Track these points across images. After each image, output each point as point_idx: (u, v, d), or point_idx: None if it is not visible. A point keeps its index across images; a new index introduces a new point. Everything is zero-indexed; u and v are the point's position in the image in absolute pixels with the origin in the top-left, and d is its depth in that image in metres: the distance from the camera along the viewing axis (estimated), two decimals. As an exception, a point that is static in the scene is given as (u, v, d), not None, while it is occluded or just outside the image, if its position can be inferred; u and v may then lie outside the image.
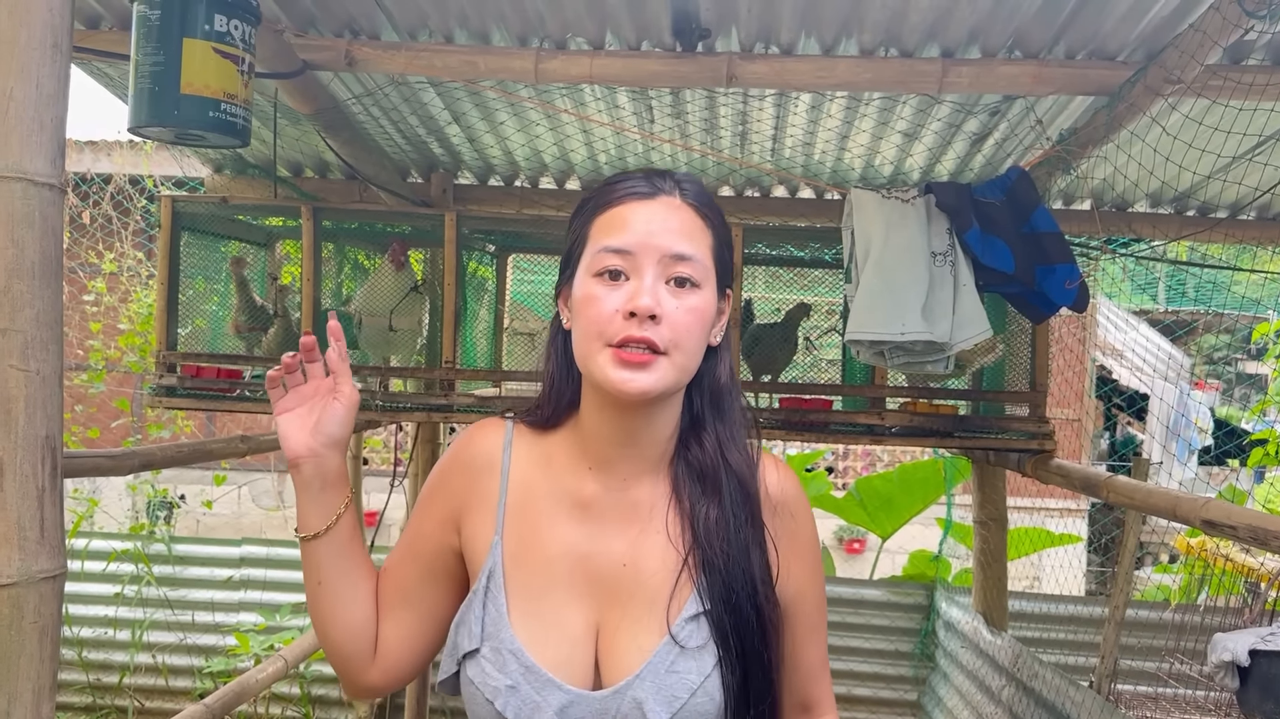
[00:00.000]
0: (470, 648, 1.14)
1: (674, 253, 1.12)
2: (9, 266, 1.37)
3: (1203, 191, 3.56)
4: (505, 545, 1.18)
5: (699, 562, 1.15)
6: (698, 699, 1.11)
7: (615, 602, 1.15)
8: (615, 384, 1.09)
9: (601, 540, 1.17)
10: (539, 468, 1.22)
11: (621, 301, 1.10)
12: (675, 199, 1.16)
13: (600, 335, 1.10)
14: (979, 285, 2.57)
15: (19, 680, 1.38)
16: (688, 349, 1.12)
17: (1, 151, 1.37)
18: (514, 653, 1.12)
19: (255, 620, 5.16)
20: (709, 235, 1.17)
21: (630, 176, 1.18)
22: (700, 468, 1.19)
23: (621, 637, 1.14)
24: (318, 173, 3.93)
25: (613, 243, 1.12)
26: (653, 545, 1.17)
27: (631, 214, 1.14)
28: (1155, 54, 2.42)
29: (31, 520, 1.39)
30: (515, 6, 2.46)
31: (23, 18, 1.38)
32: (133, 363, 6.13)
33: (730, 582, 1.14)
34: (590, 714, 1.11)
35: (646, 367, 1.09)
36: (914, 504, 5.98)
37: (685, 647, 1.12)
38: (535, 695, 1.10)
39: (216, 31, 2.07)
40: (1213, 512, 1.98)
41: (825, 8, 2.39)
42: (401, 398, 3.18)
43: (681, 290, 1.12)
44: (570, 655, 1.13)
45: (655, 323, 1.09)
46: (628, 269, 1.11)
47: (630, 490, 1.19)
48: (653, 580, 1.15)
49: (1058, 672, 3.29)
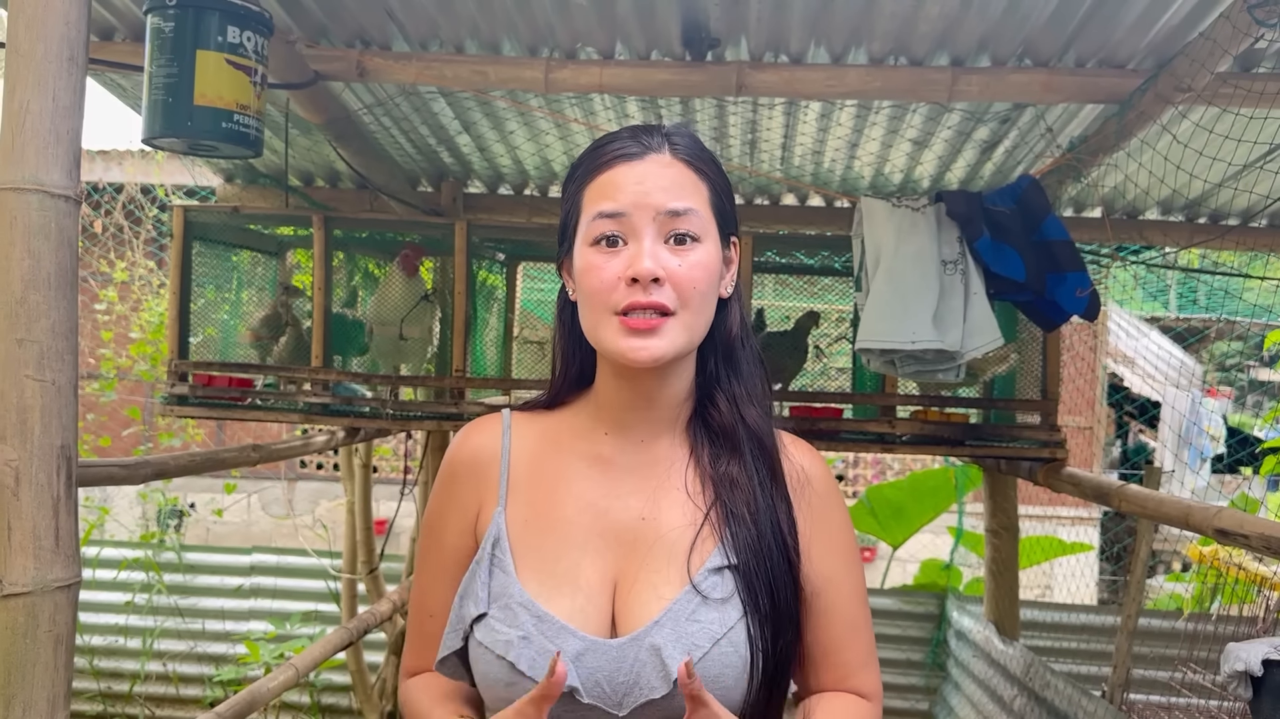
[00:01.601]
0: (477, 613, 1.09)
1: (669, 209, 1.08)
2: (25, 277, 1.38)
3: (1214, 199, 3.55)
4: (511, 513, 1.14)
5: (722, 516, 1.11)
6: (721, 649, 1.05)
7: (633, 555, 1.11)
8: (625, 353, 1.06)
9: (619, 496, 1.14)
10: (546, 441, 1.18)
11: (622, 268, 1.07)
12: (665, 155, 1.11)
13: (605, 305, 1.07)
14: (990, 293, 2.56)
15: (34, 689, 1.38)
16: (696, 307, 1.09)
17: (18, 163, 1.38)
18: (524, 605, 1.07)
19: (265, 629, 5.17)
20: (704, 187, 1.12)
21: (617, 136, 1.13)
22: (718, 427, 1.15)
23: (640, 588, 1.09)
24: (329, 182, 3.95)
25: (605, 207, 1.08)
26: (672, 501, 1.13)
27: (622, 176, 1.09)
28: (1166, 62, 2.42)
29: (47, 529, 1.39)
30: (525, 17, 2.47)
31: (39, 31, 1.39)
32: (144, 371, 6.15)
33: (758, 537, 1.10)
34: (606, 663, 1.05)
35: (656, 331, 1.06)
36: (925, 513, 5.97)
37: (708, 597, 1.07)
38: (549, 644, 1.05)
39: (229, 43, 2.08)
40: (1225, 520, 1.97)
41: (835, 17, 2.39)
42: (412, 406, 3.19)
43: (682, 247, 1.08)
44: (584, 606, 1.08)
45: (659, 285, 1.06)
46: (624, 233, 1.08)
47: (648, 449, 1.16)
48: (672, 534, 1.11)
49: (1070, 681, 3.28)
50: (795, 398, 3.06)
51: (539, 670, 1.03)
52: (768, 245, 3.37)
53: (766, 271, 3.46)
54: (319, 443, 3.44)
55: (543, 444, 1.18)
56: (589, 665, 1.05)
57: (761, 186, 3.84)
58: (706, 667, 1.04)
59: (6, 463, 1.38)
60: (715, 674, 1.05)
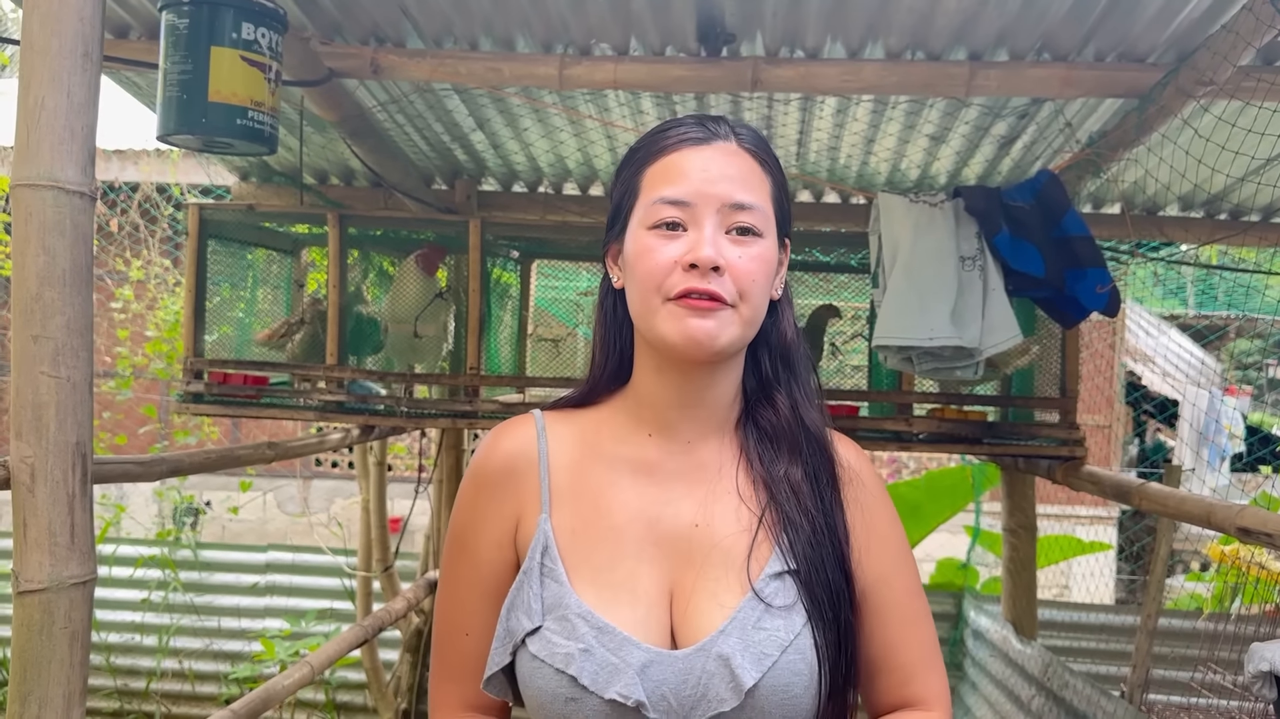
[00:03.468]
0: (531, 627, 1.03)
1: (735, 201, 1.05)
2: (40, 274, 1.38)
3: (1236, 194, 3.51)
4: (557, 521, 1.09)
5: (778, 520, 1.08)
6: (789, 658, 1.01)
7: (689, 563, 1.06)
8: (683, 333, 1.02)
9: (669, 503, 1.09)
10: (585, 444, 1.13)
11: (680, 252, 1.03)
12: (732, 144, 1.08)
13: (659, 289, 1.04)
14: (1009, 290, 2.54)
15: (50, 685, 1.38)
16: (754, 301, 1.05)
17: (33, 160, 1.38)
18: (583, 616, 1.02)
19: (280, 627, 5.18)
20: (768, 182, 1.10)
21: (682, 122, 1.10)
22: (774, 430, 1.12)
23: (699, 597, 1.05)
24: (343, 180, 3.95)
25: (669, 193, 1.05)
26: (724, 506, 1.09)
27: (687, 161, 1.06)
28: (1186, 56, 2.39)
29: (62, 526, 1.39)
30: (540, 13, 2.46)
31: (54, 27, 1.39)
32: (159, 370, 6.18)
33: (817, 542, 1.07)
34: (673, 675, 1.00)
35: (713, 314, 1.02)
36: (941, 512, 5.93)
37: (771, 604, 1.03)
38: (612, 657, 1.00)
39: (244, 40, 2.08)
40: (1248, 519, 1.95)
41: (851, 11, 2.37)
42: (426, 404, 3.19)
43: (744, 239, 1.05)
44: (645, 617, 1.03)
45: (719, 275, 1.02)
46: (686, 220, 1.04)
47: (695, 452, 1.11)
48: (727, 540, 1.07)
49: (1089, 681, 3.25)
50: (811, 395, 3.04)
51: (602, 684, 0.99)
52: (783, 242, 3.35)
53: (782, 269, 3.44)
54: (334, 440, 3.45)
55: (582, 448, 1.13)
56: (655, 678, 1.00)
57: (777, 183, 3.81)
58: (776, 676, 1.01)
59: (22, 459, 1.38)
60: (785, 684, 1.01)
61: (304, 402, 3.08)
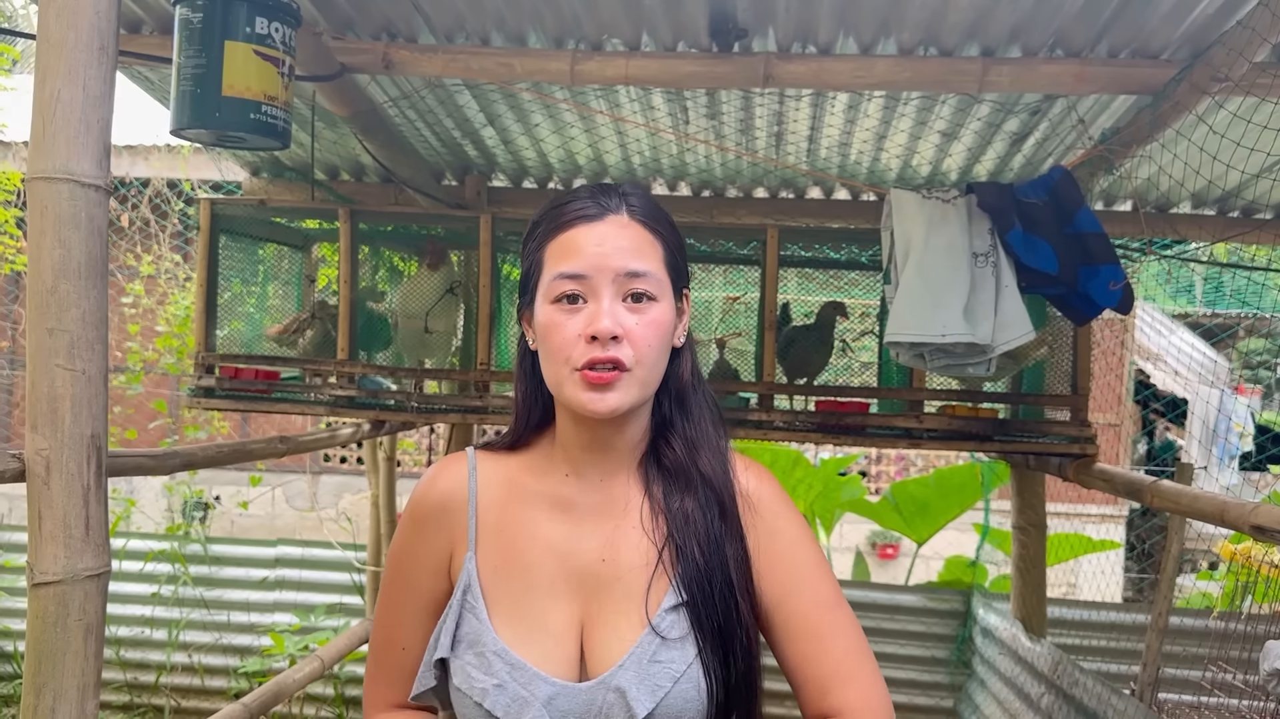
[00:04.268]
0: (440, 655, 1.17)
1: (628, 270, 1.14)
2: (56, 267, 1.38)
3: (1250, 191, 3.49)
4: (481, 559, 1.20)
5: (674, 554, 1.17)
6: (681, 688, 1.12)
7: (595, 596, 1.17)
8: (585, 405, 1.13)
9: (580, 539, 1.20)
10: (511, 484, 1.24)
11: (582, 325, 1.12)
12: (623, 217, 1.17)
13: (566, 361, 1.13)
14: (1021, 286, 2.53)
15: (64, 678, 1.39)
16: (650, 362, 1.15)
17: (49, 153, 1.38)
18: (499, 653, 1.14)
19: (290, 621, 5.20)
20: (659, 247, 1.18)
21: (576, 197, 1.20)
22: (672, 466, 1.21)
23: (603, 629, 1.16)
24: (354, 175, 3.95)
25: (566, 268, 1.14)
26: (629, 540, 1.19)
27: (582, 237, 1.15)
28: (1201, 52, 2.38)
29: (77, 519, 1.40)
30: (551, 8, 2.46)
31: (70, 20, 1.39)
32: (170, 364, 6.20)
33: (708, 573, 1.16)
34: (576, 705, 1.12)
35: (612, 385, 1.12)
36: (950, 509, 5.93)
37: (667, 637, 1.14)
38: (522, 691, 1.12)
39: (257, 34, 2.08)
40: (1262, 516, 1.94)
41: (864, 7, 2.36)
42: (436, 399, 3.19)
43: (639, 305, 1.14)
44: (554, 651, 1.15)
45: (617, 342, 1.12)
46: (584, 292, 1.13)
47: (606, 489, 1.22)
48: (630, 574, 1.17)
49: (1099, 679, 3.24)
50: (822, 392, 3.04)
51: (514, 716, 1.11)
52: (792, 239, 3.34)
53: (791, 265, 3.44)
54: (345, 435, 3.45)
55: (508, 488, 1.24)
56: (560, 709, 1.12)
57: (787, 179, 3.81)
58: (670, 704, 1.11)
59: (37, 452, 1.39)
60: (678, 711, 1.12)
61: (315, 397, 3.09)
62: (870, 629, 4.76)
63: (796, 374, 3.08)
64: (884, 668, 4.68)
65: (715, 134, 3.30)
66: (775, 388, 2.98)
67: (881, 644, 4.75)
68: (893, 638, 4.80)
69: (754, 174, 3.75)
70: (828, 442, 3.05)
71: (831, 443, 3.13)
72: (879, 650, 4.75)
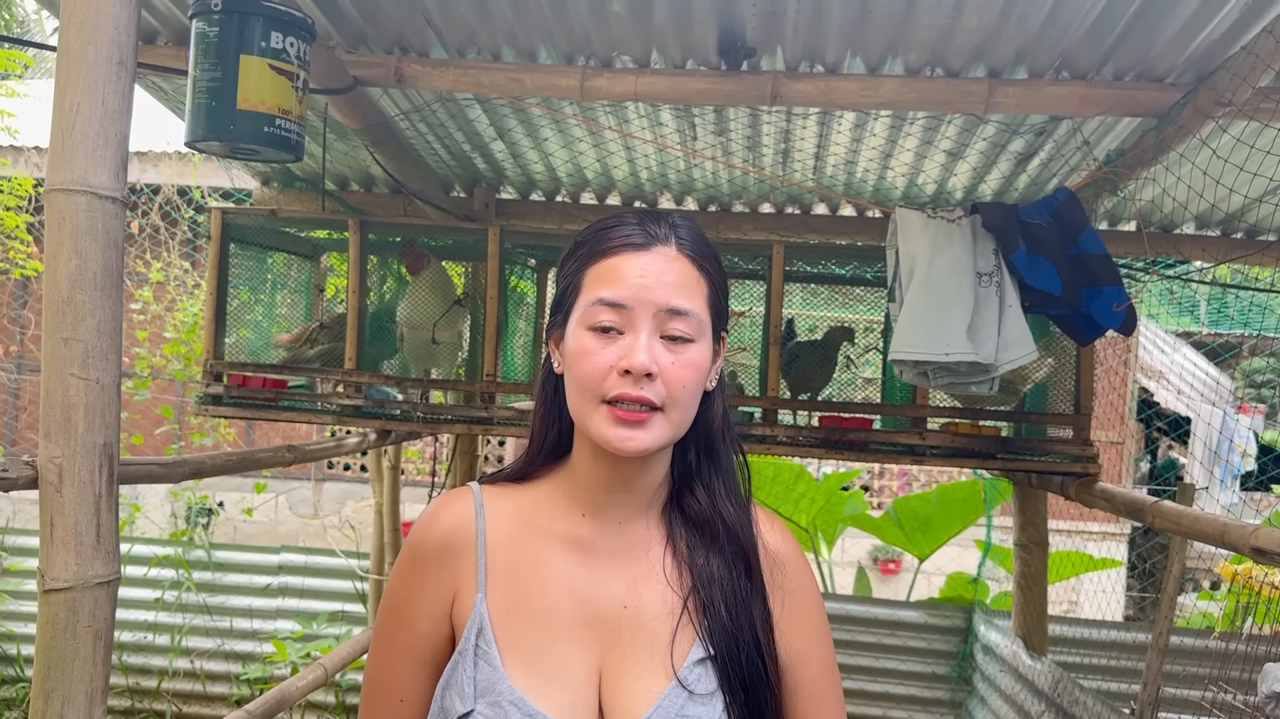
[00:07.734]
0: (464, 710, 1.08)
1: (670, 307, 1.08)
2: (72, 277, 1.41)
3: (1253, 214, 3.51)
4: (492, 601, 1.13)
5: (700, 606, 1.13)
6: None
7: (616, 644, 1.12)
8: (612, 442, 1.07)
9: (599, 583, 1.14)
10: (522, 521, 1.17)
11: (616, 357, 1.07)
12: (671, 249, 1.11)
13: (595, 392, 1.07)
14: (1025, 306, 2.55)
15: (73, 683, 1.41)
16: (683, 404, 1.10)
17: (67, 165, 1.41)
18: (515, 703, 1.07)
19: (292, 628, 5.21)
20: (705, 286, 1.13)
21: (625, 222, 1.13)
22: (697, 517, 1.17)
23: (626, 679, 1.10)
24: (363, 186, 3.98)
25: (607, 295, 1.08)
26: (651, 589, 1.14)
27: (626, 266, 1.09)
28: (1205, 76, 2.40)
29: (88, 526, 1.42)
30: (562, 25, 2.48)
31: (90, 35, 1.42)
32: (177, 371, 6.22)
33: (736, 630, 1.12)
34: None
35: (643, 424, 1.07)
36: (952, 525, 5.93)
37: (695, 692, 1.09)
38: None
39: (273, 48, 2.10)
40: (1262, 539, 1.95)
41: (871, 28, 2.39)
42: (442, 410, 3.21)
43: (676, 345, 1.08)
44: (573, 700, 1.08)
45: (650, 380, 1.06)
46: (622, 324, 1.08)
47: (627, 532, 1.16)
48: (654, 623, 1.12)
49: (1100, 698, 3.24)
50: (826, 407, 3.05)
51: None
52: (798, 255, 3.36)
53: (796, 281, 3.46)
54: (351, 444, 3.47)
55: (519, 525, 1.17)
56: None
57: (793, 196, 3.83)
58: None
59: (50, 459, 1.41)
60: None
61: (322, 405, 3.11)
62: (871, 645, 4.77)
63: (800, 389, 3.10)
64: (885, 684, 4.68)
65: (723, 150, 3.33)
66: (779, 403, 3.00)
67: (882, 660, 4.76)
68: (894, 654, 4.79)
69: (760, 190, 3.77)
70: (831, 457, 3.07)
71: (835, 458, 3.14)
72: (880, 666, 4.78)
